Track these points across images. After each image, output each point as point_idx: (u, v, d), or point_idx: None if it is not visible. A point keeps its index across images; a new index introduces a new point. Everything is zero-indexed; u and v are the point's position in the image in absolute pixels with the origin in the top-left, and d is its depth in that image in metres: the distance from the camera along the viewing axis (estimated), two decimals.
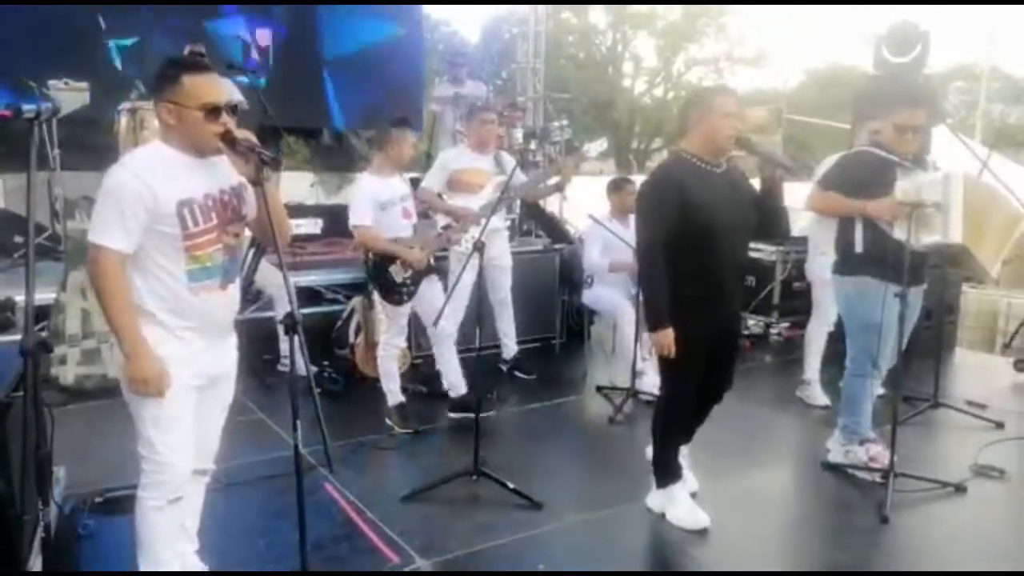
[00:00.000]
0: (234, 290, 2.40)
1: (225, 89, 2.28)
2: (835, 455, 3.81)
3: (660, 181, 3.03)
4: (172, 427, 2.26)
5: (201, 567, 2.58)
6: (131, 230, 2.14)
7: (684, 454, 3.34)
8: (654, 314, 2.99)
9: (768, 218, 3.13)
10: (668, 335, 2.92)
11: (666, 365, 3.06)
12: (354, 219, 4.03)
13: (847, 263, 3.64)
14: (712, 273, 2.98)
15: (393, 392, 4.27)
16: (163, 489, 2.28)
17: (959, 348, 6.32)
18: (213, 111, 2.19)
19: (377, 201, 4.02)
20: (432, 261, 4.22)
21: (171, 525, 2.36)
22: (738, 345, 3.34)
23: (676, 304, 2.93)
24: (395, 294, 4.09)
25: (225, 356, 2.44)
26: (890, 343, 3.53)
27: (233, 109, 2.25)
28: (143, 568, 2.35)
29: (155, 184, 2.15)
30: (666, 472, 3.22)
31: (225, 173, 2.33)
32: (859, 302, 3.58)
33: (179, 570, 2.46)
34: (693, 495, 3.28)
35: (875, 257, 3.48)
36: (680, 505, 3.18)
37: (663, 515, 3.22)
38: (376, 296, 4.30)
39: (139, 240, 2.16)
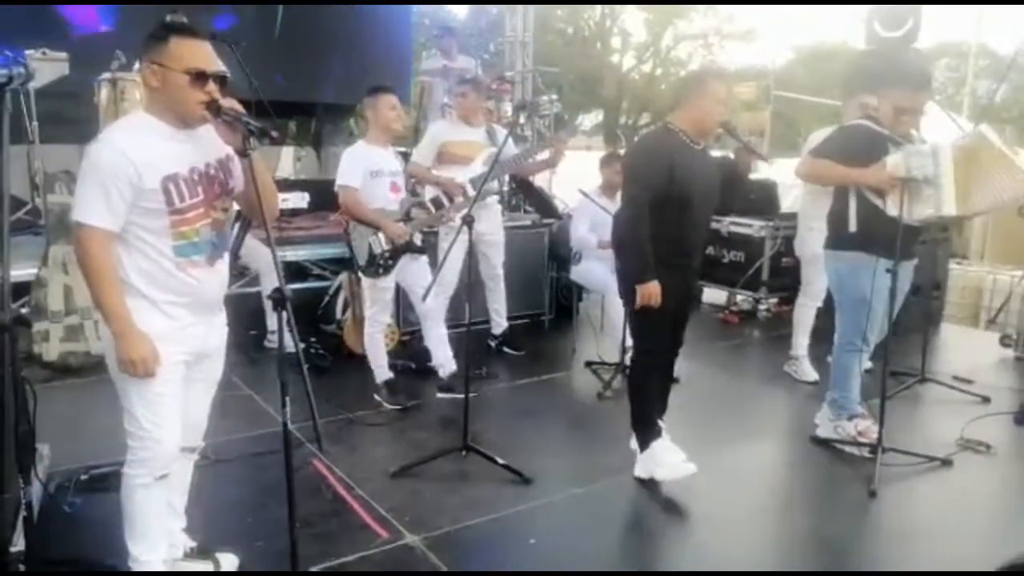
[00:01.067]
0: (222, 266, 2.34)
1: (215, 58, 2.20)
2: (824, 430, 3.83)
3: (651, 148, 3.25)
4: (158, 403, 2.21)
5: (189, 544, 2.56)
6: (116, 207, 2.08)
7: (666, 438, 3.36)
8: (641, 267, 3.15)
9: (729, 192, 3.54)
10: (655, 286, 3.13)
11: (643, 320, 3.26)
12: (341, 179, 3.98)
13: (839, 239, 3.63)
14: (685, 238, 3.22)
15: (381, 368, 4.24)
16: (149, 466, 2.25)
17: (945, 323, 6.36)
18: (199, 77, 2.10)
19: (367, 169, 3.99)
20: (417, 240, 4.17)
21: (158, 502, 2.33)
22: (689, 309, 3.57)
23: (656, 262, 3.16)
24: (372, 266, 4.05)
25: (214, 332, 2.39)
26: (880, 318, 3.55)
27: (222, 80, 2.17)
28: (131, 545, 2.33)
29: (139, 159, 2.08)
30: (646, 428, 3.33)
31: (211, 145, 2.25)
32: (850, 278, 3.58)
33: (173, 570, 2.44)
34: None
35: (868, 234, 3.49)
36: (665, 460, 3.27)
37: (653, 479, 3.28)
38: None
39: (125, 217, 2.10)
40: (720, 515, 3.12)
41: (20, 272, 4.38)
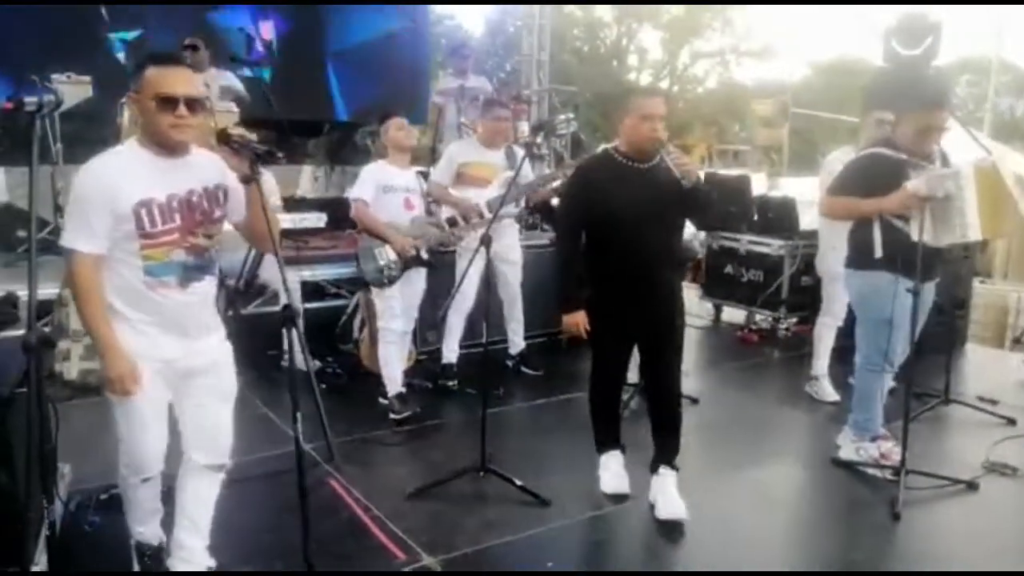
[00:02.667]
0: (200, 288, 2.38)
1: (187, 82, 2.25)
2: (846, 452, 3.78)
3: (573, 176, 3.40)
4: (134, 413, 2.34)
5: (210, 563, 2.57)
6: (97, 232, 2.19)
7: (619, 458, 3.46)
8: (563, 295, 3.24)
9: (692, 213, 3.33)
10: (577, 316, 3.17)
11: (591, 347, 3.34)
12: (354, 192, 4.21)
13: (862, 259, 3.58)
14: (628, 259, 3.12)
15: (393, 380, 4.24)
16: (132, 469, 2.43)
17: (969, 343, 6.27)
18: (166, 101, 2.18)
19: (380, 183, 4.16)
20: (423, 254, 4.24)
21: (148, 500, 2.55)
22: (669, 335, 3.23)
23: (594, 290, 3.19)
24: (377, 275, 4.16)
25: (201, 351, 2.42)
26: (903, 338, 3.50)
27: (193, 103, 2.23)
28: (130, 523, 2.57)
29: (115, 185, 2.19)
30: (596, 438, 3.49)
31: (201, 174, 2.33)
32: (874, 298, 3.54)
33: (180, 570, 2.49)
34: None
35: (893, 257, 3.45)
36: (606, 472, 3.41)
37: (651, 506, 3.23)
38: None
39: (107, 239, 2.21)
40: (740, 538, 3.08)
41: (42, 291, 4.39)
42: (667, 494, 3.18)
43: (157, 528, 2.65)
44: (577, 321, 3.17)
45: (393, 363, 4.27)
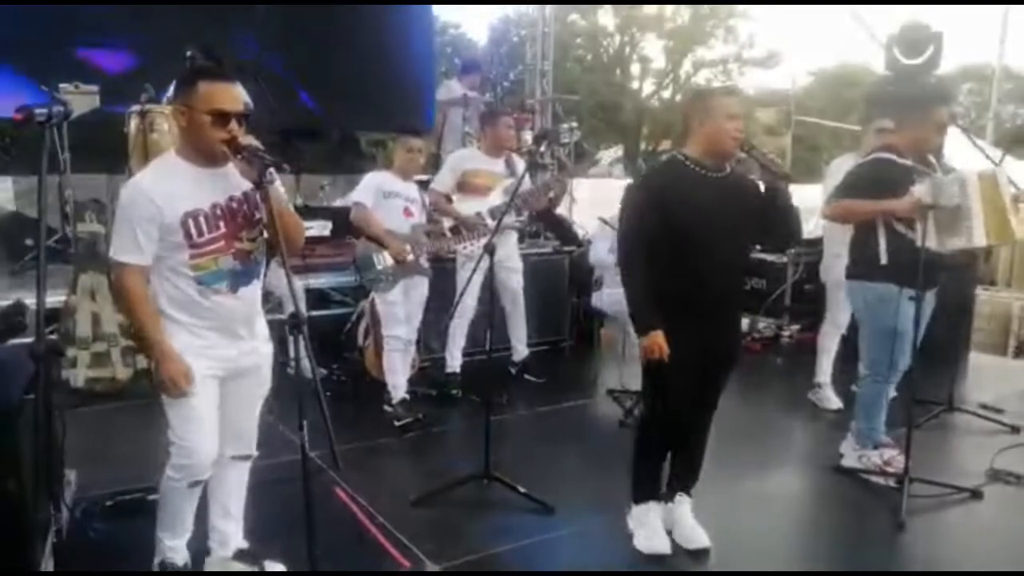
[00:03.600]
0: (249, 292, 2.49)
1: (238, 98, 2.34)
2: (849, 460, 3.78)
3: (642, 186, 2.99)
4: (189, 416, 2.39)
5: (243, 545, 2.71)
6: (144, 245, 2.29)
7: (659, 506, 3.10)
8: (639, 317, 2.85)
9: (773, 226, 2.98)
10: (658, 336, 2.77)
11: (651, 376, 2.92)
12: (354, 196, 4.28)
13: (868, 269, 3.58)
14: (701, 280, 2.82)
15: (398, 387, 4.26)
16: (184, 472, 2.44)
17: (972, 351, 6.26)
18: (221, 117, 2.27)
19: (381, 189, 4.22)
20: (421, 262, 4.28)
21: (190, 503, 2.54)
22: (728, 366, 3.03)
23: (663, 311, 2.81)
24: (374, 278, 4.22)
25: (249, 351, 2.54)
26: (909, 347, 3.50)
27: (243, 118, 2.32)
28: (159, 531, 2.56)
29: (162, 199, 2.27)
30: (639, 486, 3.08)
31: (237, 181, 2.40)
32: (880, 308, 3.53)
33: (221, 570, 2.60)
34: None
35: (898, 264, 3.45)
36: (645, 528, 3.02)
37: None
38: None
39: (154, 251, 2.31)
40: (744, 545, 3.08)
41: (49, 299, 4.43)
42: (686, 524, 3.06)
43: (185, 547, 2.63)
44: (658, 343, 2.77)
45: (397, 370, 4.29)
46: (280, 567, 2.70)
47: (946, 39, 5.63)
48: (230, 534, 2.70)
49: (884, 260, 3.50)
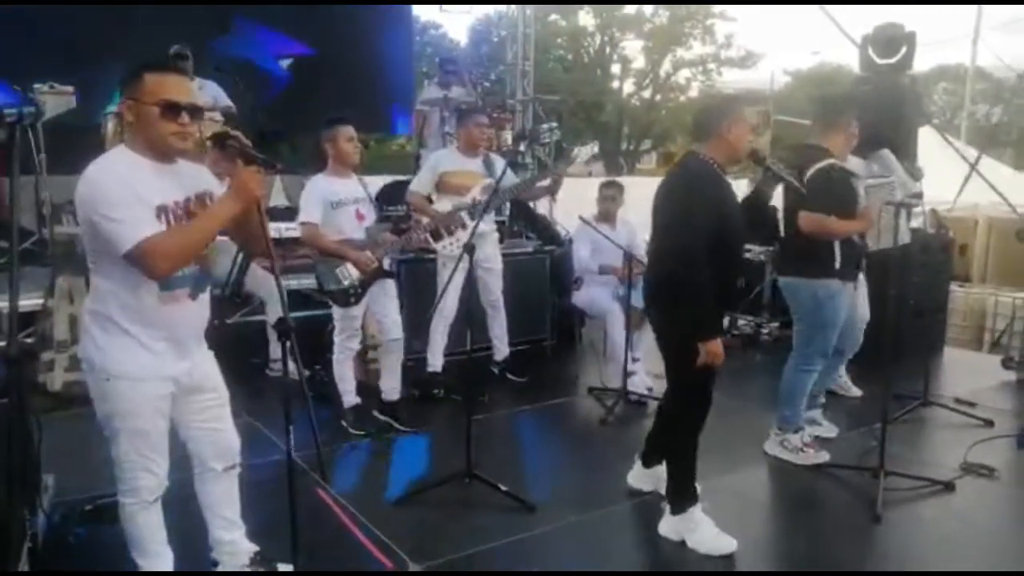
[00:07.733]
0: (205, 298, 2.39)
1: (188, 90, 2.22)
2: (771, 446, 3.93)
3: (696, 187, 2.88)
4: (144, 438, 2.29)
5: (253, 548, 2.66)
6: (146, 217, 2.11)
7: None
8: (707, 323, 2.85)
9: (761, 226, 3.27)
10: (717, 344, 2.82)
11: (692, 378, 2.93)
12: (301, 216, 3.97)
13: (819, 268, 3.68)
14: (729, 279, 2.97)
15: (348, 394, 4.24)
16: (141, 494, 2.34)
17: (947, 347, 6.36)
18: (170, 108, 2.14)
19: (327, 200, 3.94)
20: (387, 264, 4.13)
21: (157, 519, 2.42)
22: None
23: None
24: (343, 295, 4.02)
25: (201, 363, 2.43)
26: (852, 332, 4.02)
27: (195, 111, 2.20)
28: (138, 559, 2.41)
29: (137, 188, 2.12)
30: (685, 494, 3.03)
31: (191, 180, 2.30)
32: (828, 303, 3.69)
33: (173, 570, 2.49)
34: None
35: (845, 263, 3.69)
36: (704, 529, 3.00)
37: (682, 541, 3.03)
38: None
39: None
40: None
41: (26, 302, 4.42)
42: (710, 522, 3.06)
43: (168, 557, 2.48)
44: (719, 350, 2.81)
45: (347, 378, 4.22)
46: (288, 567, 2.63)
47: (921, 39, 5.71)
48: (237, 542, 2.64)
49: (838, 263, 3.67)
